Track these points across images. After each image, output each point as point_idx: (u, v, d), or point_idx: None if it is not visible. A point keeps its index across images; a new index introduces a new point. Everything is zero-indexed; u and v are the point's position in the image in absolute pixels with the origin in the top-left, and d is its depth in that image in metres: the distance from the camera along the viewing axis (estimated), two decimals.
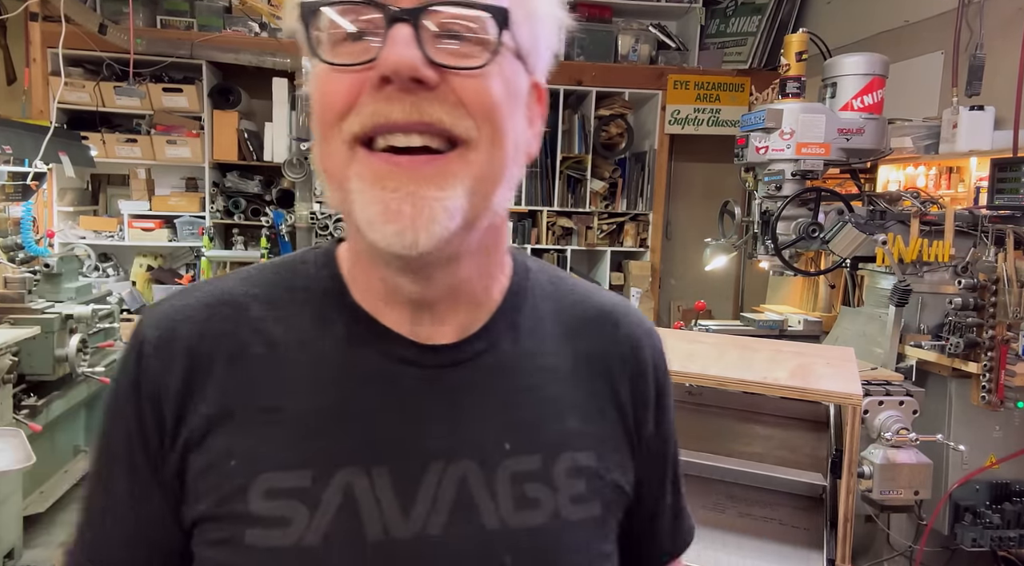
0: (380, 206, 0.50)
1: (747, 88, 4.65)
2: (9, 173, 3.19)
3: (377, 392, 0.57)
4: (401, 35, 0.49)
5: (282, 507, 0.54)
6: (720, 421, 1.81)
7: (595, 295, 0.70)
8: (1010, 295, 2.08)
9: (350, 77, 0.51)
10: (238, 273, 0.63)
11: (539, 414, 0.60)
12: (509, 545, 0.57)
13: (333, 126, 0.52)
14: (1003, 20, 2.97)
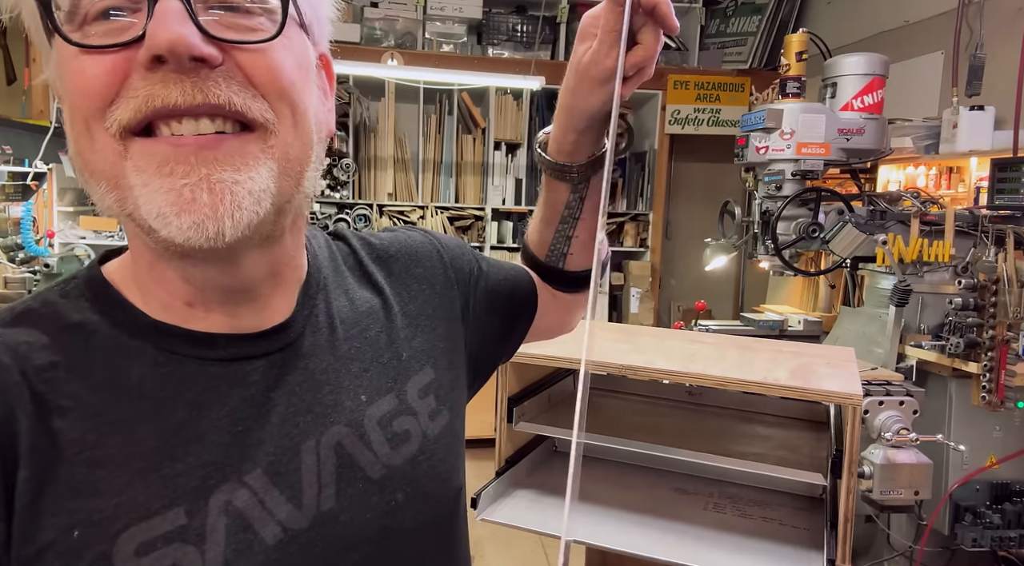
0: (171, 195, 0.44)
1: (747, 88, 4.65)
2: (9, 173, 3.19)
3: (215, 400, 0.52)
4: (171, 8, 0.43)
5: (165, 556, 0.46)
6: (720, 421, 1.81)
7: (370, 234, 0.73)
8: (1010, 295, 2.08)
9: (111, 58, 0.43)
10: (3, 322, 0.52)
11: (376, 357, 0.62)
12: (398, 483, 0.58)
13: (95, 117, 0.44)
14: (1003, 20, 2.97)
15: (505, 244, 4.68)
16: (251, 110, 0.46)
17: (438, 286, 0.71)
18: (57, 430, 0.47)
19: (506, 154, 4.60)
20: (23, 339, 0.49)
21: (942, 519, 2.20)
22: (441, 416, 0.64)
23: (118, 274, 0.55)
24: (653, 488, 1.67)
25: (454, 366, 0.70)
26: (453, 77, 4.12)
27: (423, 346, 0.66)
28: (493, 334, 0.78)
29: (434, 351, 0.67)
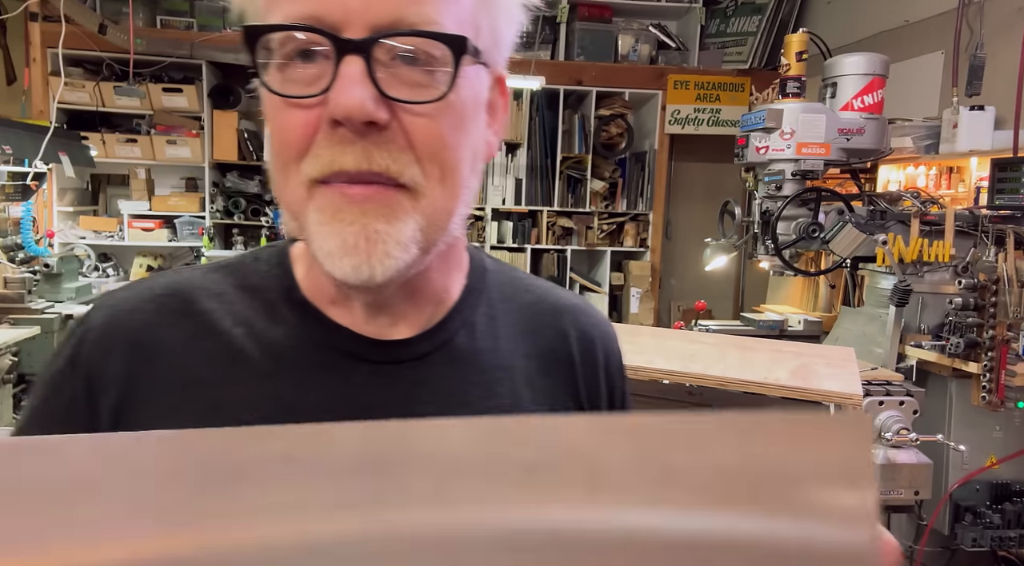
0: (338, 239, 0.50)
1: (747, 88, 4.65)
2: (9, 173, 3.19)
3: (326, 386, 0.56)
4: (352, 72, 0.48)
5: None
6: None
7: (551, 293, 0.69)
8: (1010, 295, 2.08)
9: (303, 115, 0.50)
10: (193, 268, 0.63)
11: (491, 412, 0.59)
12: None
13: (290, 166, 0.51)
14: (1003, 20, 2.97)
15: (505, 244, 4.68)
16: (403, 176, 0.51)
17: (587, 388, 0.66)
18: (191, 369, 0.56)
19: (506, 154, 4.59)
20: (203, 286, 0.59)
21: (942, 519, 2.20)
22: None
23: (300, 253, 0.62)
24: None
25: None
26: None
27: None
28: None
29: None
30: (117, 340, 0.57)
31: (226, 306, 0.59)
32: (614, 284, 4.82)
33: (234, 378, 0.56)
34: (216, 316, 0.58)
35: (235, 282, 0.60)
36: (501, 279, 0.67)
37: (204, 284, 0.60)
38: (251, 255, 0.64)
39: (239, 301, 0.59)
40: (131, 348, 0.56)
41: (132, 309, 0.58)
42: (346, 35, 0.48)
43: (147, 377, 0.56)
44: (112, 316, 0.58)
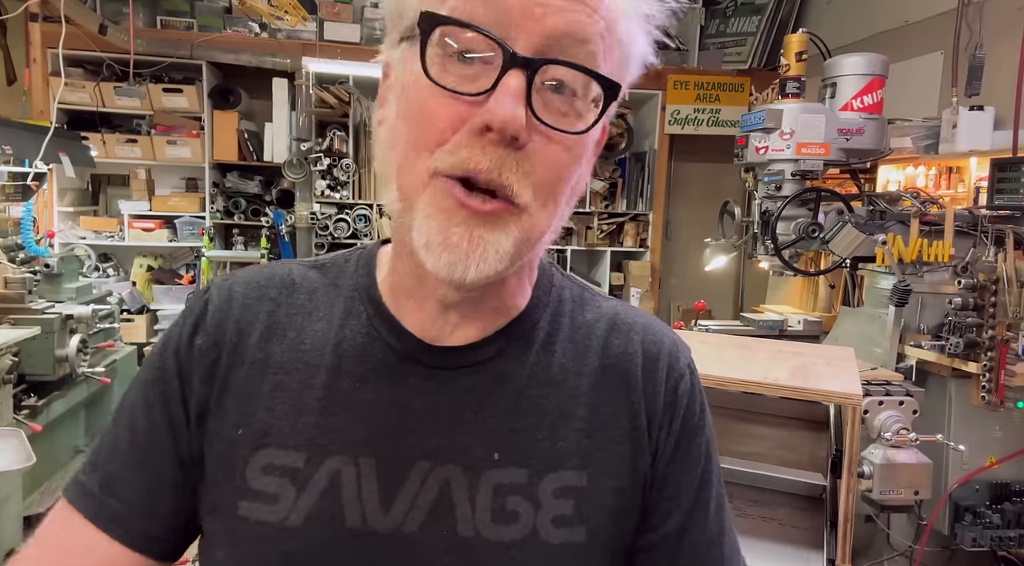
0: (441, 236, 0.52)
1: (747, 88, 4.65)
2: (9, 173, 3.19)
3: (381, 387, 0.59)
4: (514, 87, 0.49)
5: (274, 484, 0.57)
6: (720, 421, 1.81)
7: (617, 310, 0.67)
8: (1010, 295, 2.08)
9: (455, 108, 0.51)
10: (302, 262, 0.68)
11: (536, 427, 0.58)
12: (481, 557, 0.55)
13: (421, 152, 0.52)
14: (1003, 20, 2.97)
15: None
16: (519, 197, 0.52)
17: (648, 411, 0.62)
18: (271, 356, 0.61)
19: None
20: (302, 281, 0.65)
21: (942, 519, 2.20)
22: (570, 530, 0.57)
23: (385, 255, 0.65)
24: None
25: (622, 495, 0.60)
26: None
27: (597, 454, 0.59)
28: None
29: (604, 468, 0.59)
30: (228, 317, 0.62)
31: (313, 302, 0.64)
32: (614, 284, 4.82)
33: (301, 372, 0.60)
34: (303, 311, 0.63)
35: (329, 281, 0.65)
36: (568, 295, 0.67)
37: (303, 280, 0.65)
38: (343, 256, 0.68)
39: (324, 298, 0.64)
40: (236, 326, 0.62)
41: (241, 294, 0.64)
42: (516, 46, 0.50)
43: (235, 358, 0.61)
44: (228, 297, 0.63)
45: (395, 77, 0.57)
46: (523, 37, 0.50)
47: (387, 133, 0.57)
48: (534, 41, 0.50)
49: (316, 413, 0.58)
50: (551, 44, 0.50)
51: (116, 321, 3.34)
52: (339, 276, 0.66)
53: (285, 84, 4.25)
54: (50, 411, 2.75)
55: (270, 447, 0.58)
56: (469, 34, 0.50)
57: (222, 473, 0.58)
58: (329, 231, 4.32)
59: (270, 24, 4.19)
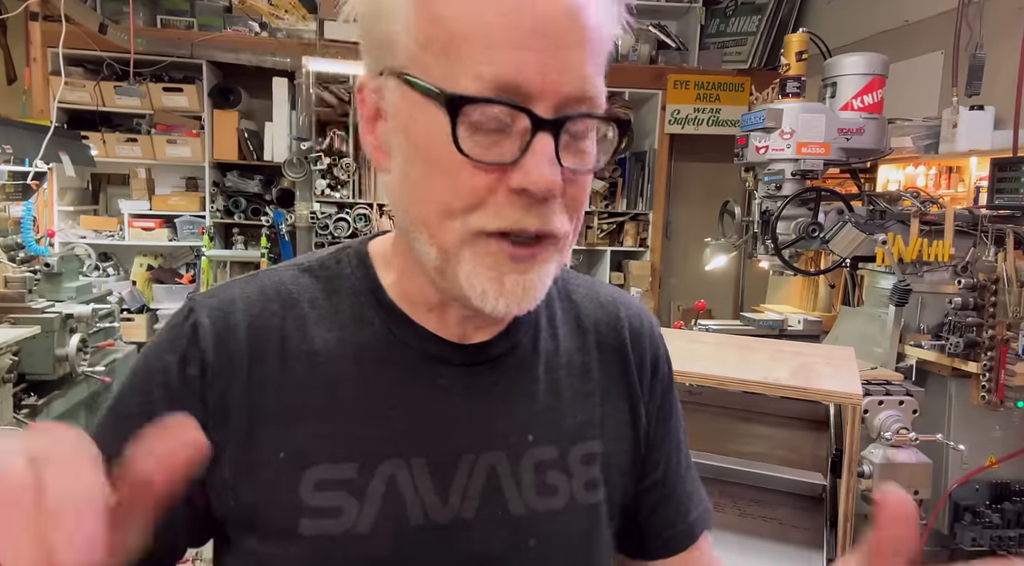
0: (496, 284, 0.54)
1: (747, 88, 4.65)
2: (9, 173, 3.19)
3: (415, 389, 0.61)
4: (545, 149, 0.51)
5: (333, 498, 0.58)
6: (720, 421, 1.81)
7: (597, 289, 0.74)
8: (1010, 295, 2.08)
9: (486, 176, 0.52)
10: (285, 269, 0.66)
11: (557, 406, 0.65)
12: (533, 528, 0.62)
13: (456, 215, 0.53)
14: (1003, 20, 2.97)
15: None
16: (561, 231, 0.55)
17: (636, 379, 0.71)
18: (293, 372, 0.60)
19: None
20: (298, 290, 0.63)
21: (942, 518, 2.20)
22: (597, 491, 0.66)
23: (377, 253, 0.66)
24: None
25: (630, 454, 0.70)
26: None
27: (606, 422, 0.68)
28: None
29: (613, 433, 0.68)
30: (227, 337, 0.60)
31: (318, 311, 0.63)
32: (614, 284, 4.82)
33: (330, 384, 0.60)
34: (311, 322, 0.62)
35: (324, 286, 0.64)
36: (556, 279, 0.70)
37: (299, 289, 0.64)
38: (331, 257, 0.67)
39: (328, 305, 0.63)
40: (240, 347, 0.60)
41: (240, 309, 0.61)
42: (538, 109, 0.51)
43: (251, 381, 0.59)
44: (225, 312, 0.61)
45: (398, 124, 0.56)
46: (544, 100, 0.51)
47: (408, 190, 0.56)
48: (554, 102, 0.52)
49: (355, 423, 0.60)
50: (575, 95, 0.53)
51: (116, 320, 3.34)
52: (334, 280, 0.65)
53: (285, 83, 4.25)
54: (50, 410, 2.75)
55: (318, 464, 0.58)
56: (496, 107, 0.51)
57: (272, 499, 0.58)
58: (329, 230, 4.32)
59: (270, 23, 4.19)
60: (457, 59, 0.51)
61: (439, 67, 0.52)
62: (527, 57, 0.50)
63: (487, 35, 0.50)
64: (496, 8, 0.50)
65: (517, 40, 0.50)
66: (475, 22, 0.50)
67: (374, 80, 0.57)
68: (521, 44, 0.50)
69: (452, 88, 0.51)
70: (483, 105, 0.51)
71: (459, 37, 0.51)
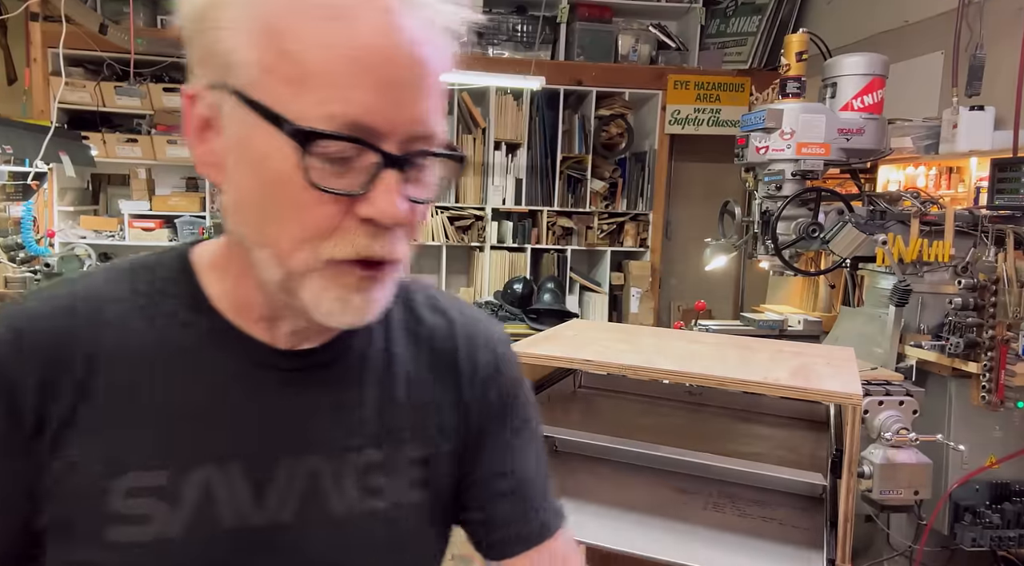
0: (342, 304, 0.56)
1: (747, 88, 4.65)
2: (10, 173, 3.19)
3: (235, 394, 0.61)
4: (393, 183, 0.54)
5: (143, 505, 0.58)
6: (720, 421, 1.81)
7: (437, 298, 0.76)
8: (1010, 295, 2.08)
9: (335, 206, 0.54)
10: (99, 273, 0.64)
11: (385, 411, 0.67)
12: (354, 528, 0.64)
13: (306, 243, 0.55)
14: (1003, 20, 2.97)
15: (505, 244, 4.68)
16: (403, 256, 0.58)
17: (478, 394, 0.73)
18: (106, 379, 0.59)
19: (506, 154, 4.60)
20: (112, 293, 0.62)
21: (942, 519, 2.20)
22: (422, 492, 0.68)
23: (202, 261, 0.65)
24: (653, 488, 1.67)
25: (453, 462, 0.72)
26: (453, 77, 4.12)
27: (435, 427, 0.70)
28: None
29: (440, 438, 0.70)
30: (31, 350, 0.58)
31: (134, 315, 0.61)
32: (614, 284, 4.82)
33: (146, 390, 0.59)
34: (125, 326, 0.60)
35: (141, 292, 0.62)
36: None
37: (112, 292, 0.62)
38: (153, 259, 0.66)
39: (146, 309, 0.62)
40: (45, 359, 0.58)
41: (43, 318, 0.59)
42: (385, 146, 0.54)
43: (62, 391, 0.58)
44: (25, 327, 0.59)
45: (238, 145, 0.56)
46: (391, 138, 0.54)
47: (251, 213, 0.58)
48: (400, 140, 0.54)
49: (168, 429, 0.59)
50: (418, 134, 0.55)
51: None
52: (153, 282, 0.63)
53: None
54: None
55: (130, 471, 0.58)
56: (346, 143, 0.53)
57: (83, 507, 0.58)
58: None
59: None
60: (307, 94, 0.52)
61: (287, 97, 0.52)
62: (376, 98, 0.52)
63: (337, 75, 0.51)
64: (347, 49, 0.51)
65: (367, 82, 0.52)
66: (325, 60, 0.51)
67: (209, 92, 0.56)
68: (371, 86, 0.52)
69: (302, 121, 0.52)
70: (335, 141, 0.52)
71: (309, 74, 0.52)
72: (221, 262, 0.64)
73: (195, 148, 0.59)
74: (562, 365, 1.67)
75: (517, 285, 4.29)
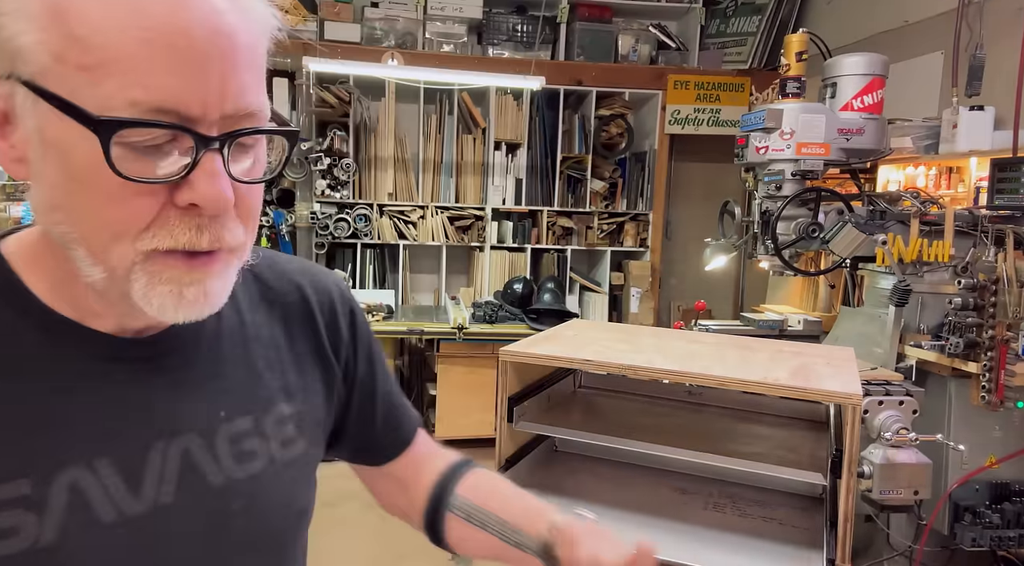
0: (175, 298, 0.54)
1: (747, 88, 4.65)
2: None
3: (87, 391, 0.58)
4: (215, 167, 0.52)
5: (7, 518, 0.54)
6: (720, 421, 1.81)
7: (278, 261, 0.76)
8: (1010, 295, 2.08)
9: (151, 197, 0.51)
10: None
11: (247, 379, 0.67)
12: (235, 494, 0.64)
13: (124, 237, 0.52)
14: (1003, 20, 2.98)
15: (505, 244, 4.68)
16: (236, 243, 0.56)
17: (330, 335, 0.76)
18: None
19: (506, 154, 4.60)
20: None
21: (941, 519, 2.20)
22: (296, 445, 0.70)
23: (18, 257, 0.59)
24: (653, 488, 1.67)
25: (323, 408, 0.75)
26: (453, 77, 4.12)
27: (300, 382, 0.72)
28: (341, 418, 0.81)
29: (308, 391, 0.73)
30: None
31: None
32: (614, 284, 4.82)
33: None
34: None
35: None
36: None
37: None
38: None
39: None
40: None
41: None
42: (201, 129, 0.51)
43: None
44: None
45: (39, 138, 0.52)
46: (206, 120, 0.51)
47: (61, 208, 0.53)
48: (216, 119, 0.51)
49: (21, 439, 0.55)
50: (234, 110, 0.52)
51: None
52: None
53: (285, 84, 4.26)
54: None
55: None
56: (160, 129, 0.50)
57: None
58: (329, 231, 4.32)
59: None
60: (105, 80, 0.48)
61: (83, 85, 0.48)
62: (180, 79, 0.49)
63: (133, 58, 0.48)
64: (140, 30, 0.48)
65: (167, 63, 0.48)
66: (119, 43, 0.48)
67: (2, 85, 0.52)
68: (172, 66, 0.48)
69: (102, 110, 0.48)
70: (141, 128, 0.49)
71: (105, 59, 0.48)
72: (41, 257, 0.59)
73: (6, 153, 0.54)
74: (562, 365, 1.67)
75: (517, 285, 4.30)
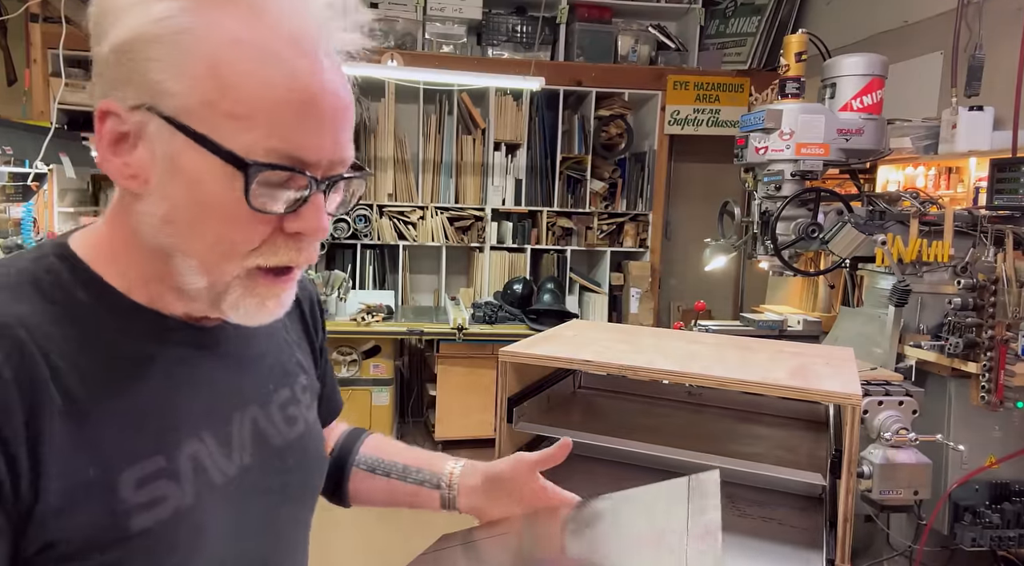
0: (258, 306, 0.66)
1: (747, 88, 4.66)
2: (10, 174, 3.19)
3: (182, 376, 0.69)
4: (321, 203, 0.64)
5: (156, 489, 0.64)
6: (720, 421, 1.81)
7: None
8: (1009, 295, 2.08)
9: (267, 224, 0.63)
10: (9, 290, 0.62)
11: (278, 357, 0.82)
12: (291, 452, 0.79)
13: (236, 256, 0.63)
14: (1003, 20, 2.98)
15: (505, 244, 4.68)
16: (315, 258, 0.69)
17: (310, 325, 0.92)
18: (69, 395, 0.60)
19: (506, 154, 4.60)
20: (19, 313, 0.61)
21: (941, 519, 2.20)
22: (312, 409, 0.87)
23: (89, 253, 0.67)
24: None
25: (319, 378, 0.93)
26: (453, 77, 4.12)
27: (302, 359, 0.88)
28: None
29: (307, 365, 0.89)
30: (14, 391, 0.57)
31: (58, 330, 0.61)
32: (614, 284, 4.82)
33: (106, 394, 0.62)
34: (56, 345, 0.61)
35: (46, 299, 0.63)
36: None
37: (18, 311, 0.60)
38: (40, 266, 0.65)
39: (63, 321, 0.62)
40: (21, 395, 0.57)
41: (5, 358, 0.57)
42: (313, 172, 0.62)
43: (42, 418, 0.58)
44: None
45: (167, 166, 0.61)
46: (319, 166, 0.63)
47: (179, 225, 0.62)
48: (325, 166, 0.63)
49: (150, 420, 0.65)
50: (334, 165, 0.64)
51: None
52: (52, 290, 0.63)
53: None
54: None
55: (128, 467, 0.62)
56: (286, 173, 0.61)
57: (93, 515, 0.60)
58: (329, 231, 4.32)
59: None
60: (252, 129, 0.59)
61: (228, 129, 0.59)
62: (309, 134, 0.61)
63: (278, 114, 0.59)
64: (286, 91, 0.59)
65: (302, 120, 0.60)
66: (265, 98, 0.59)
67: (133, 113, 0.61)
68: (305, 124, 0.60)
69: (246, 153, 0.59)
70: (276, 170, 0.60)
71: (253, 111, 0.59)
72: (120, 253, 0.67)
73: (110, 160, 0.63)
74: (562, 365, 1.67)
75: (517, 285, 4.30)
